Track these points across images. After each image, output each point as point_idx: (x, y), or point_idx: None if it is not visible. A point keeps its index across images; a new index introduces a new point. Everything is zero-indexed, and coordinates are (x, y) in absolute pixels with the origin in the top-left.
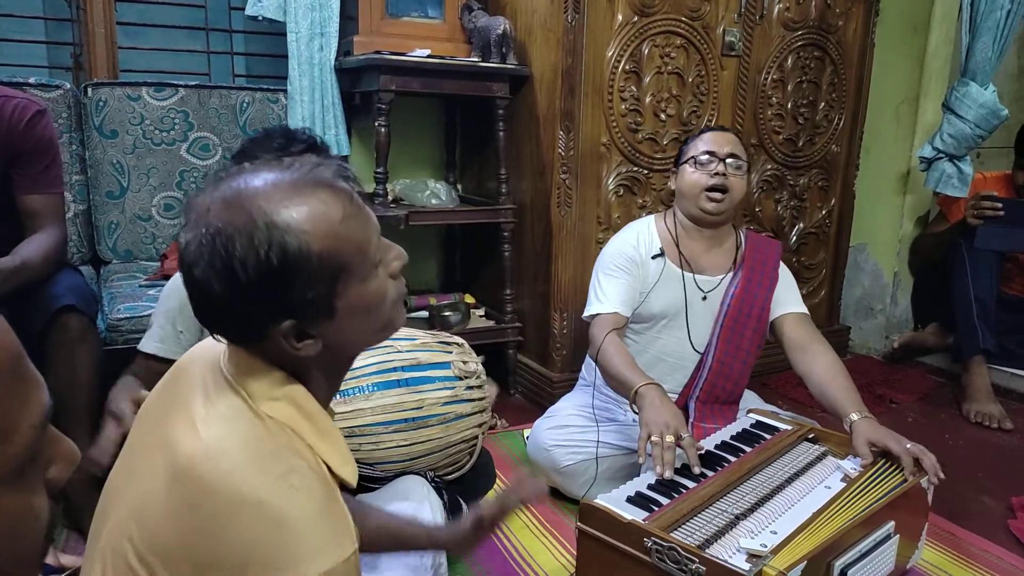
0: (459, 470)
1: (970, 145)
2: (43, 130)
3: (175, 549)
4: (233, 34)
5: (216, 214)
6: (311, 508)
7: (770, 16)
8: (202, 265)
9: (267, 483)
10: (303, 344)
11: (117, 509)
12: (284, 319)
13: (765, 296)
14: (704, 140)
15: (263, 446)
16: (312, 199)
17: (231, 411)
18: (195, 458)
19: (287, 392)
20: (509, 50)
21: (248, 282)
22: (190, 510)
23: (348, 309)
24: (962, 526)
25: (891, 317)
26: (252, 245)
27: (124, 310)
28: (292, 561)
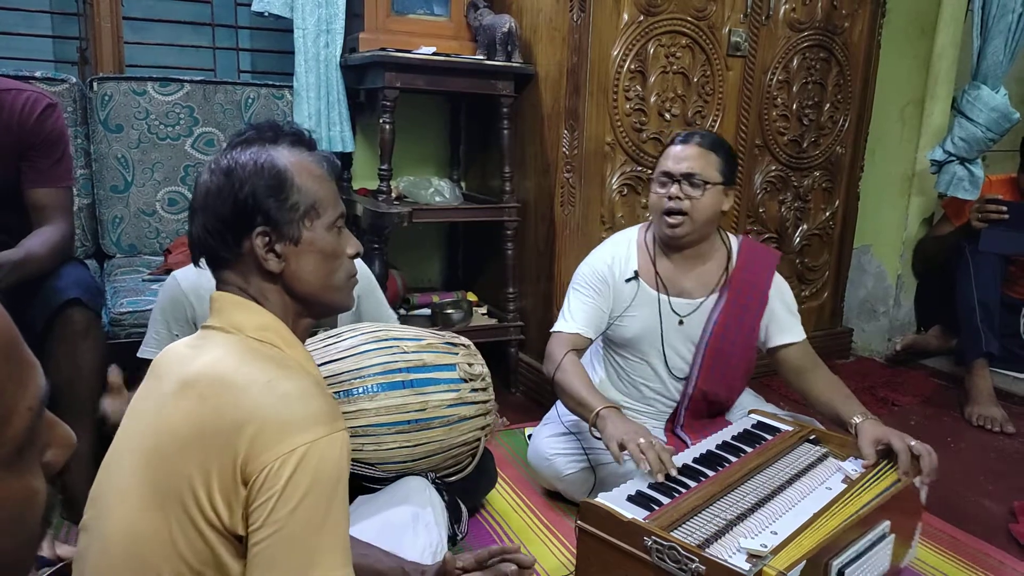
0: (460, 471)
1: (981, 148)
2: (54, 124)
3: (194, 436)
4: (239, 30)
5: (231, 156)
6: (309, 387)
7: (776, 17)
8: (211, 184)
9: (269, 370)
10: (269, 256)
11: (128, 451)
12: (260, 225)
13: (753, 322)
14: (667, 156)
15: (260, 353)
16: (301, 156)
17: (226, 341)
18: (202, 368)
19: (270, 323)
20: (514, 48)
21: (241, 191)
22: (203, 399)
23: (310, 244)
24: (963, 529)
25: (894, 319)
26: (252, 167)
27: (127, 304)
28: (302, 422)
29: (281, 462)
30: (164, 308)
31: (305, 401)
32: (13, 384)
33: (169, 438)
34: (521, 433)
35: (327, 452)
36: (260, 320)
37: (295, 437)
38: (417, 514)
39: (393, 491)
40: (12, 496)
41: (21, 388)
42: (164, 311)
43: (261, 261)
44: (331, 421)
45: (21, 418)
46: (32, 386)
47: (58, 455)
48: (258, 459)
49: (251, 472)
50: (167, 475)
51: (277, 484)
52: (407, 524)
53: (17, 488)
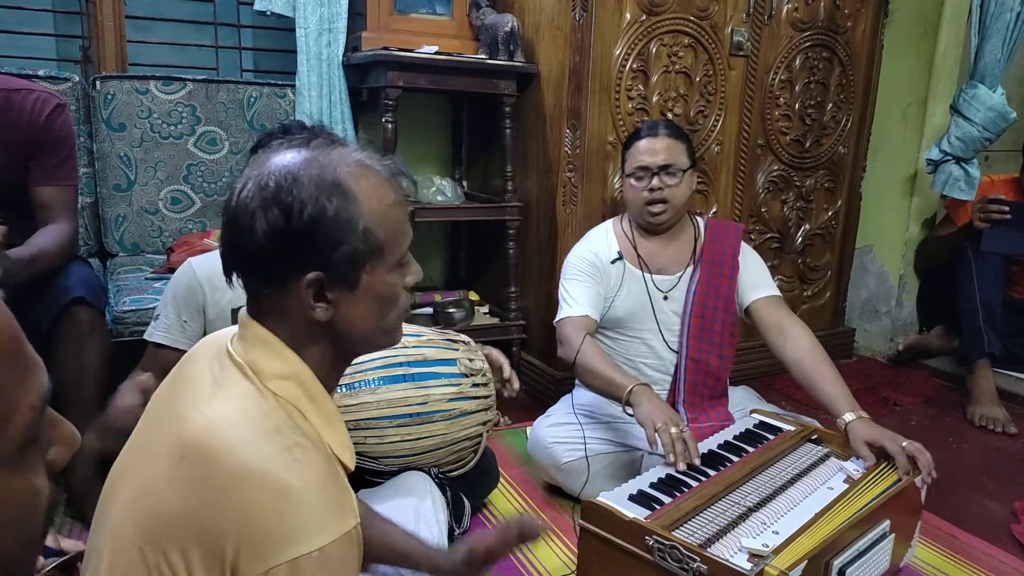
0: (463, 467)
1: (977, 148)
2: (62, 124)
3: (180, 524)
4: (241, 29)
5: (287, 162)
6: (315, 481)
7: (778, 16)
8: (258, 199)
9: (272, 455)
10: (318, 305)
11: (122, 493)
12: (313, 269)
13: (728, 286)
14: (638, 151)
15: (268, 421)
16: (374, 180)
17: (238, 391)
18: (201, 434)
19: (294, 371)
20: (516, 48)
21: (299, 221)
22: (195, 483)
23: (368, 290)
24: (964, 529)
25: (896, 319)
26: (315, 191)
27: (130, 303)
28: (297, 532)
29: (275, 573)
30: (176, 294)
31: (304, 503)
32: (16, 382)
33: (158, 508)
34: (523, 432)
35: (326, 562)
36: (285, 368)
37: (289, 549)
38: (418, 508)
39: (395, 485)
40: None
41: (23, 386)
42: (176, 297)
43: (307, 309)
44: (331, 525)
45: (23, 416)
46: (35, 384)
47: (61, 453)
48: (248, 567)
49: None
50: (153, 543)
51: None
52: (408, 519)
53: (19, 486)
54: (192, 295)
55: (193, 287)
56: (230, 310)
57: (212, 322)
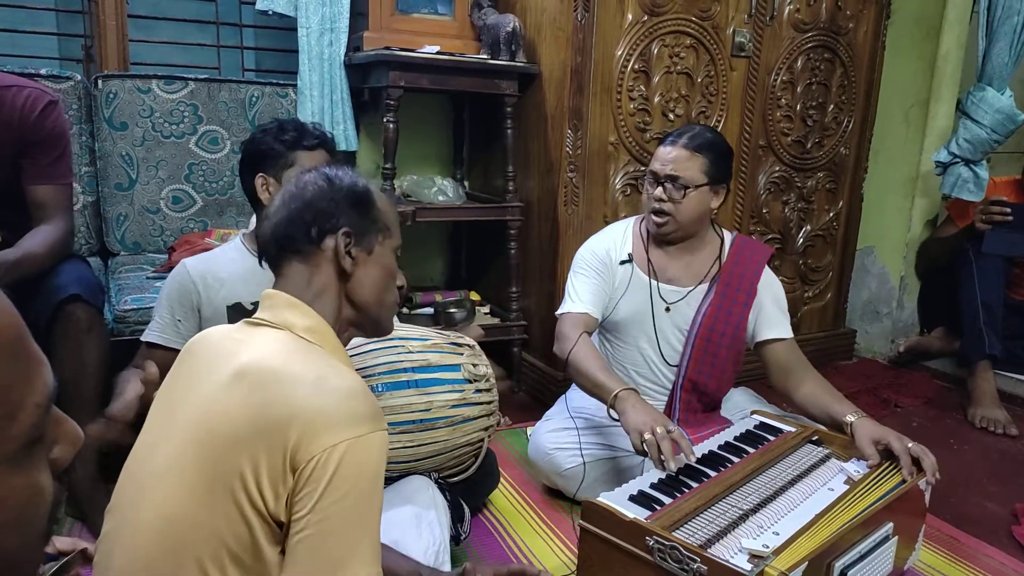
0: (463, 472)
1: (986, 150)
2: (55, 121)
3: (247, 427)
4: (243, 28)
5: (331, 169)
6: (356, 386)
7: (780, 17)
8: (311, 178)
9: (319, 367)
10: (347, 257)
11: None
12: (345, 226)
13: (740, 313)
14: (655, 157)
15: (310, 351)
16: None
17: (273, 336)
18: (254, 359)
19: (319, 326)
20: (518, 48)
21: (339, 188)
22: (256, 390)
23: (379, 259)
24: (965, 531)
25: (897, 321)
26: (349, 174)
27: (131, 301)
28: (351, 418)
29: (328, 454)
30: (170, 294)
31: (351, 399)
32: (21, 380)
33: (222, 427)
34: (523, 432)
35: (371, 448)
36: (309, 322)
37: (342, 431)
38: (420, 514)
39: (396, 491)
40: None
41: (29, 384)
42: (170, 297)
43: (340, 257)
44: (375, 419)
45: (29, 414)
46: (40, 382)
47: (65, 452)
48: (307, 449)
49: (299, 461)
50: (218, 462)
51: (325, 475)
52: (410, 524)
53: (24, 485)
54: (186, 294)
55: (187, 286)
56: (225, 307)
57: (208, 319)
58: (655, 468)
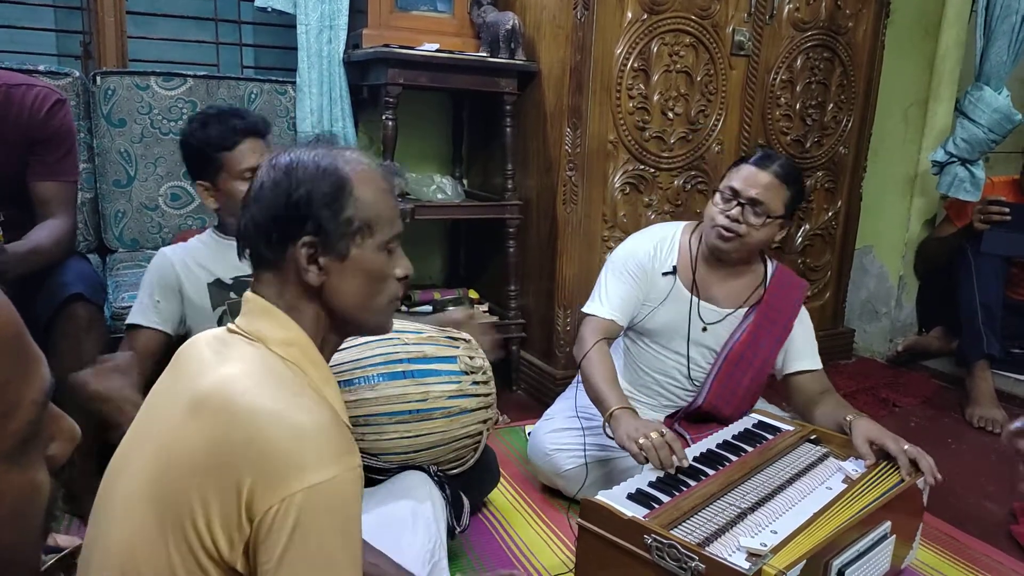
0: (462, 465)
1: (983, 149)
2: (62, 119)
3: (198, 467)
4: (242, 25)
5: (296, 152)
6: (323, 421)
7: (780, 16)
8: (270, 176)
9: (282, 399)
10: (311, 268)
11: (130, 466)
12: (308, 234)
13: (771, 348)
14: (739, 173)
15: (275, 375)
16: (368, 169)
17: (244, 353)
18: (213, 387)
19: (295, 338)
20: (518, 46)
21: (297, 192)
22: (211, 427)
23: (357, 263)
24: (963, 530)
25: (896, 320)
26: (313, 170)
27: (129, 299)
28: (310, 463)
29: (286, 504)
30: (151, 279)
31: (316, 437)
32: (18, 377)
33: (176, 460)
34: (522, 431)
35: (335, 493)
36: (286, 335)
37: (301, 478)
38: (416, 510)
39: (393, 485)
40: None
41: (27, 381)
42: (150, 281)
43: (301, 271)
44: (341, 459)
45: (26, 411)
46: (37, 379)
47: (62, 448)
48: (263, 498)
49: (256, 511)
50: (169, 496)
51: (285, 528)
52: (406, 521)
53: (21, 481)
54: (165, 276)
55: (165, 269)
56: (206, 284)
57: (191, 300)
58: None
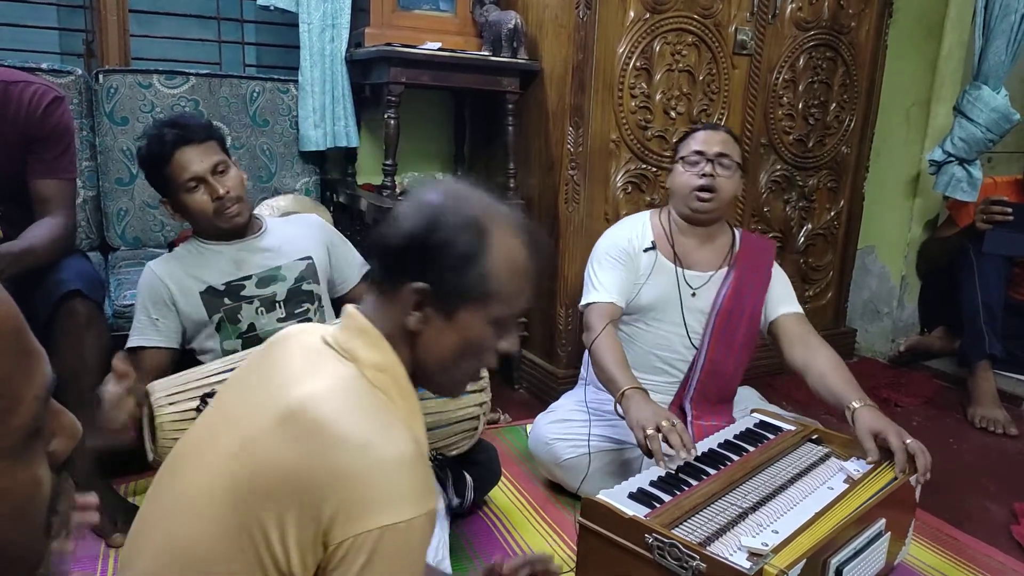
0: (459, 449)
1: (980, 149)
2: (60, 117)
3: (283, 482)
4: (245, 23)
5: (457, 190)
6: (409, 458)
7: (782, 15)
8: (417, 205)
9: (373, 429)
10: (415, 313)
11: (203, 458)
12: (424, 280)
13: (758, 297)
14: (695, 139)
15: (368, 401)
16: (517, 242)
17: (337, 371)
18: (305, 401)
19: (389, 364)
20: (520, 45)
21: (434, 236)
22: (300, 444)
23: (460, 326)
24: (965, 531)
25: (898, 320)
26: (460, 221)
27: (131, 296)
28: (391, 501)
29: (363, 539)
30: (143, 298)
31: (399, 474)
32: (20, 373)
33: (260, 468)
34: (523, 429)
35: (410, 535)
36: (382, 359)
37: (380, 515)
38: None
39: None
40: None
41: (28, 377)
42: (143, 300)
43: (403, 311)
44: (420, 500)
45: (28, 407)
46: (39, 375)
47: (63, 444)
48: (341, 529)
49: (332, 539)
50: (250, 508)
51: (357, 561)
52: None
53: (23, 477)
54: (155, 292)
55: (155, 285)
56: (198, 293)
57: (185, 312)
58: (656, 463)
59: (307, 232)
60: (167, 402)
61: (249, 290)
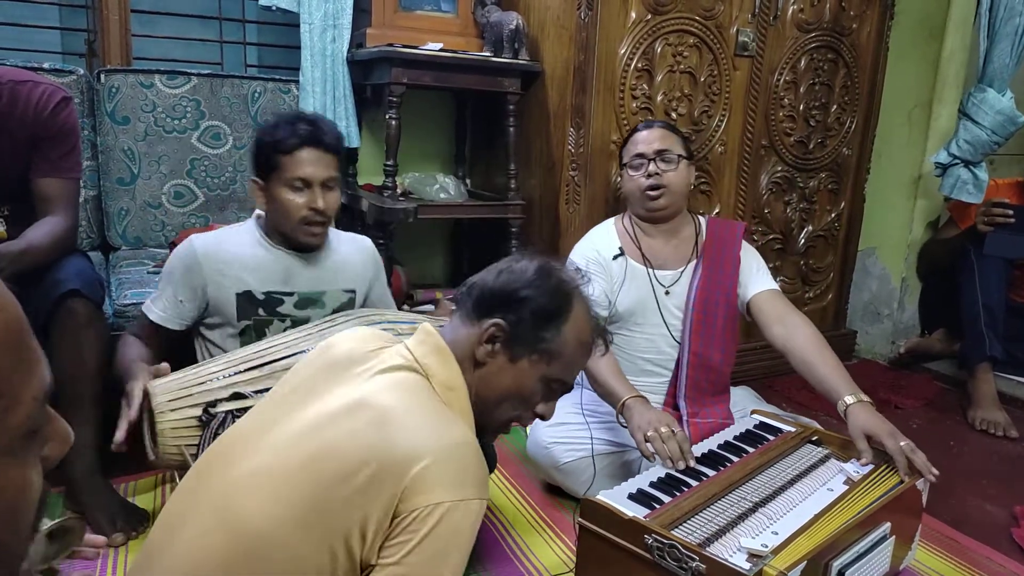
0: None
1: (986, 151)
2: (67, 117)
3: (356, 460)
4: (246, 24)
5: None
6: (474, 448)
7: (784, 17)
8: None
9: (440, 422)
10: (487, 345)
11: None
12: (505, 319)
13: (729, 281)
14: (633, 143)
15: (435, 405)
16: (589, 322)
17: (410, 379)
18: (380, 392)
19: (457, 384)
20: (521, 46)
21: (535, 284)
22: (372, 429)
23: (518, 372)
24: (965, 533)
25: (898, 322)
26: (558, 284)
27: (132, 296)
28: (460, 480)
29: (430, 510)
30: (174, 272)
31: (468, 458)
32: (20, 373)
33: (332, 460)
34: (522, 429)
35: (469, 513)
36: (451, 378)
37: (449, 491)
38: None
39: None
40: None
41: (28, 378)
42: (173, 275)
43: (477, 341)
44: (482, 486)
45: (26, 407)
46: (38, 378)
47: (55, 450)
48: (412, 500)
49: (402, 510)
50: (324, 499)
51: (421, 530)
52: None
53: (17, 477)
54: (190, 275)
55: (193, 268)
56: (235, 294)
57: (214, 300)
58: (662, 463)
59: (360, 260)
60: (168, 408)
61: (286, 307)
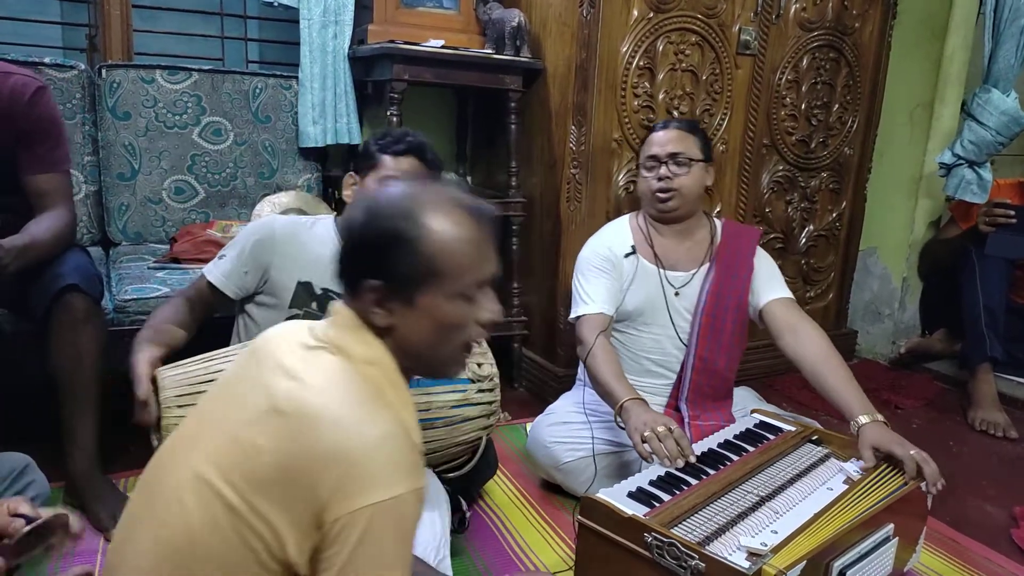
0: (457, 469)
1: (991, 152)
2: (45, 107)
3: (273, 469)
4: (247, 19)
5: (387, 191)
6: (399, 439)
7: (786, 16)
8: (358, 213)
9: (359, 414)
10: (377, 310)
11: (209, 443)
12: (376, 278)
13: (741, 287)
14: (650, 143)
15: (359, 390)
16: (453, 215)
17: (330, 364)
18: (295, 392)
19: (379, 357)
20: (523, 43)
21: (371, 234)
22: (289, 431)
23: (426, 311)
24: (964, 533)
25: (899, 322)
26: (391, 213)
27: (132, 291)
28: (381, 479)
29: (355, 516)
30: (249, 248)
31: (389, 455)
32: None
33: (248, 464)
34: (523, 428)
35: (403, 509)
36: (371, 353)
37: (373, 492)
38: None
39: None
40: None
41: None
42: (246, 249)
43: (368, 312)
44: (409, 477)
45: None
46: None
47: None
48: (337, 507)
49: (326, 520)
50: (246, 498)
51: (351, 538)
52: None
53: None
54: (261, 254)
55: (264, 242)
56: (297, 281)
57: (274, 283)
58: (660, 463)
59: None
60: (175, 404)
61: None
